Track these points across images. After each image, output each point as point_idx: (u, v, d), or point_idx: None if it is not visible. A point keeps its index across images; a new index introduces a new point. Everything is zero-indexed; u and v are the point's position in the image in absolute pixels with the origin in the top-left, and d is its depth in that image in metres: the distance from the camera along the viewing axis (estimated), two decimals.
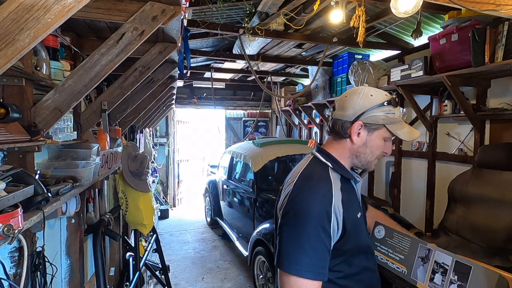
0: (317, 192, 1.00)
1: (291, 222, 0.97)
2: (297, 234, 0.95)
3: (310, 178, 1.05)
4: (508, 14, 1.53)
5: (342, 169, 1.10)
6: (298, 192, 1.01)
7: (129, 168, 2.58)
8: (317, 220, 0.95)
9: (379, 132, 1.09)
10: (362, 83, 3.94)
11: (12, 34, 0.78)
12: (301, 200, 0.99)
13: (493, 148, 2.77)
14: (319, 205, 0.97)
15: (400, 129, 1.09)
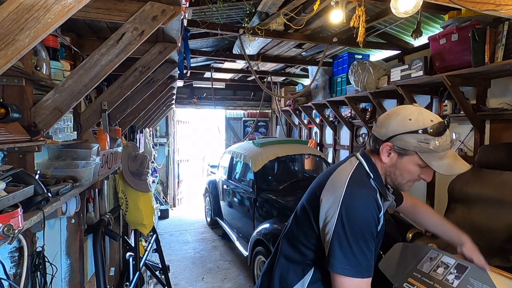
0: (369, 200, 1.02)
1: (349, 228, 0.98)
2: (356, 240, 0.97)
3: (361, 185, 1.06)
4: (508, 14, 1.53)
5: (380, 184, 1.11)
6: (353, 198, 1.02)
7: (129, 168, 2.58)
8: (371, 227, 1.00)
9: (411, 158, 1.07)
10: (362, 83, 3.94)
11: (12, 34, 0.78)
12: (357, 207, 1.00)
13: (493, 148, 2.77)
14: (373, 213, 1.01)
15: (438, 161, 1.04)
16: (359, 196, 1.02)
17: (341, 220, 0.99)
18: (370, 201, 1.02)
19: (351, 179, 1.06)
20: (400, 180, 1.10)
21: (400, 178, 1.10)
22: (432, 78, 3.04)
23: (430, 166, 1.04)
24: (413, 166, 1.07)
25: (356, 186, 1.04)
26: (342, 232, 0.98)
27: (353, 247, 0.97)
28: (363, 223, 0.99)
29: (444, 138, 1.03)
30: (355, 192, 1.02)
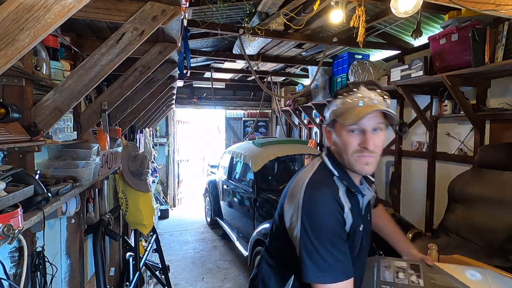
0: (329, 201, 0.98)
1: (312, 234, 0.96)
2: (323, 245, 0.94)
3: (319, 186, 1.02)
4: (508, 14, 1.53)
5: (348, 180, 1.06)
6: (311, 201, 0.99)
7: (129, 168, 2.58)
8: (335, 228, 0.97)
9: (338, 127, 1.05)
10: None
11: (12, 34, 0.78)
12: (315, 210, 0.97)
13: (493, 148, 2.77)
14: (335, 214, 0.97)
15: (350, 115, 0.99)
16: (317, 199, 0.98)
17: (304, 227, 0.97)
18: (329, 202, 0.98)
19: (309, 182, 1.03)
20: (346, 156, 1.03)
21: (344, 154, 1.03)
22: (432, 78, 3.04)
23: (344, 123, 1.00)
24: (345, 134, 1.02)
25: (313, 189, 1.01)
26: (307, 239, 0.96)
27: (320, 252, 0.94)
28: (325, 225, 0.95)
29: (352, 96, 1.02)
30: (313, 195, 0.99)
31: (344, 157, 1.04)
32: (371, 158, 1.01)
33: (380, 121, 1.01)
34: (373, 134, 1.00)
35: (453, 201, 2.85)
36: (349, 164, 1.03)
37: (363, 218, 1.12)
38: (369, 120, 0.98)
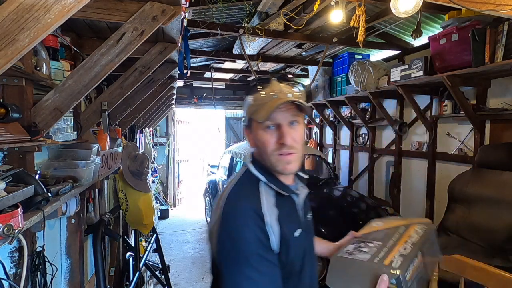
0: (247, 216, 0.88)
1: (232, 256, 0.86)
2: (240, 270, 0.84)
3: (238, 199, 0.93)
4: (508, 14, 1.53)
5: (276, 183, 0.96)
6: (228, 218, 0.89)
7: (129, 168, 2.58)
8: (257, 246, 0.86)
9: (254, 125, 0.97)
10: (362, 83, 3.94)
11: (12, 34, 0.78)
12: (234, 229, 0.87)
13: (493, 148, 2.77)
14: (253, 229, 0.86)
15: (262, 110, 0.92)
16: (233, 216, 0.89)
17: (223, 249, 0.88)
18: (245, 217, 0.88)
19: (229, 195, 0.94)
20: (267, 157, 0.95)
21: (265, 155, 0.95)
22: (432, 78, 3.04)
23: (257, 120, 0.93)
24: (261, 133, 0.94)
25: (230, 205, 0.91)
26: (228, 262, 0.86)
27: (237, 278, 0.83)
28: (242, 246, 0.85)
29: (263, 91, 0.95)
30: (229, 213, 0.90)
31: (265, 158, 0.96)
32: (292, 155, 0.94)
33: (296, 114, 0.95)
34: (290, 128, 0.94)
35: (453, 201, 2.85)
36: (271, 165, 0.95)
37: (302, 221, 1.02)
38: (283, 113, 0.92)
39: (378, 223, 1.18)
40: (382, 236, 1.05)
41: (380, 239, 1.03)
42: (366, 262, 0.90)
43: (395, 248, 0.96)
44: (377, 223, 1.18)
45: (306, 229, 1.03)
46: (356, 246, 1.01)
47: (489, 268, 1.24)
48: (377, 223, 1.18)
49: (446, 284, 1.73)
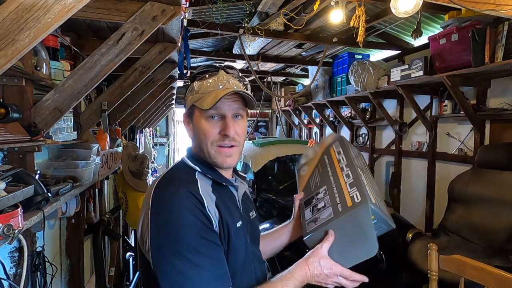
0: (182, 196, 0.80)
1: (165, 244, 0.76)
2: (180, 255, 0.74)
3: (170, 184, 0.85)
4: (508, 14, 1.53)
5: (213, 173, 0.92)
6: (161, 205, 0.80)
7: (129, 168, 2.58)
8: (199, 228, 0.78)
9: (196, 114, 0.92)
10: (362, 83, 3.94)
11: (12, 34, 0.78)
12: (169, 213, 0.78)
13: (493, 148, 2.77)
14: (192, 210, 0.79)
15: (208, 98, 0.88)
16: (167, 198, 0.80)
17: (154, 236, 0.77)
18: (183, 197, 0.80)
19: (158, 183, 0.86)
20: (205, 148, 0.90)
21: (204, 145, 0.90)
22: (432, 78, 3.04)
23: (202, 108, 0.88)
24: (203, 122, 0.90)
25: (163, 188, 0.84)
26: (159, 252, 0.76)
27: (178, 266, 0.73)
28: (182, 230, 0.76)
29: (210, 79, 0.91)
30: (162, 195, 0.82)
31: (204, 148, 0.91)
32: (233, 148, 0.90)
33: (241, 108, 0.92)
34: (234, 120, 0.90)
35: (453, 201, 2.85)
36: (210, 156, 0.90)
37: (243, 215, 0.96)
38: (229, 105, 0.89)
39: (303, 168, 1.16)
40: (320, 179, 1.05)
41: (321, 183, 1.03)
42: (336, 219, 0.88)
43: (342, 182, 0.97)
44: (302, 169, 1.16)
45: (250, 225, 0.98)
46: (310, 208, 1.00)
47: (489, 268, 1.24)
48: (302, 169, 1.16)
49: (446, 284, 1.73)
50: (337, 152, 1.08)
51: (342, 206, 0.89)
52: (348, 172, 0.98)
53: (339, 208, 0.90)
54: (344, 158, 1.05)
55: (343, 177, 0.98)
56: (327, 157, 1.09)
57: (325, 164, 1.08)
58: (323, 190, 0.99)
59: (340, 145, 1.11)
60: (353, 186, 0.93)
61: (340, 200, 0.92)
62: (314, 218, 0.95)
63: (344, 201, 0.90)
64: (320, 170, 1.08)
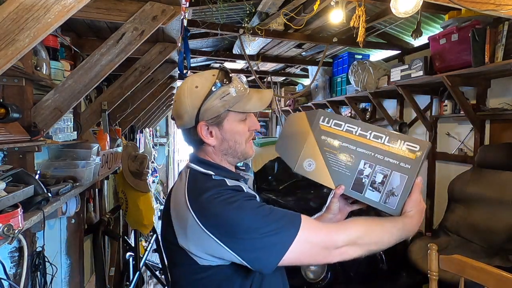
0: (221, 194, 0.83)
1: (238, 232, 0.79)
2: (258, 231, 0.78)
3: (203, 188, 0.85)
4: (508, 14, 1.53)
5: (227, 172, 0.95)
6: (206, 208, 0.81)
7: (129, 168, 2.58)
8: (252, 202, 0.84)
9: (229, 119, 0.92)
10: (362, 83, 3.94)
11: (12, 34, 0.78)
12: (219, 209, 0.80)
13: (493, 148, 2.77)
14: (234, 195, 0.83)
15: (248, 103, 0.92)
16: (210, 198, 0.81)
17: (224, 236, 0.79)
18: (221, 195, 0.82)
19: (189, 194, 0.85)
20: (239, 147, 0.94)
21: (238, 145, 0.94)
22: (432, 78, 3.03)
23: (248, 112, 0.93)
24: (237, 125, 0.93)
25: (198, 194, 0.84)
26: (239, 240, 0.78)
27: (261, 231, 0.78)
28: (239, 214, 0.80)
29: (236, 80, 0.92)
30: (202, 200, 0.82)
31: (238, 149, 0.94)
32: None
33: None
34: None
35: (453, 201, 2.85)
36: (243, 154, 0.96)
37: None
38: None
39: (306, 163, 1.01)
40: (346, 159, 0.95)
41: (353, 161, 0.94)
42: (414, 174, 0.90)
43: (378, 145, 0.93)
44: (306, 165, 1.01)
45: None
46: (368, 188, 0.93)
47: (488, 268, 1.24)
48: (306, 165, 1.01)
49: (446, 284, 1.73)
50: (334, 125, 0.98)
51: (407, 162, 0.90)
52: (374, 133, 0.94)
53: (405, 166, 0.90)
54: (351, 125, 0.97)
55: (373, 141, 0.93)
56: (327, 136, 0.98)
57: (333, 144, 0.97)
58: (365, 165, 0.93)
59: (327, 117, 1.00)
60: (394, 140, 0.92)
61: (397, 159, 0.91)
62: (388, 192, 0.91)
63: (403, 157, 0.90)
64: (334, 151, 0.97)
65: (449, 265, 1.36)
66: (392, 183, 0.91)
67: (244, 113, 0.93)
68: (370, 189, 0.93)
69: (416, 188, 0.90)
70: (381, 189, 0.92)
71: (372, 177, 0.93)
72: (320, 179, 0.99)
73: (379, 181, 0.92)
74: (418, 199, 0.91)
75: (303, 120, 1.04)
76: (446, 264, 1.37)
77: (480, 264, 1.28)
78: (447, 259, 1.38)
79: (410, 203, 0.90)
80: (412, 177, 0.89)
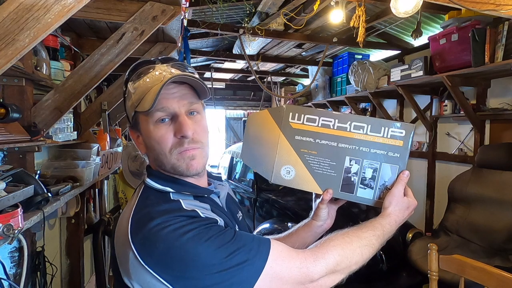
0: (175, 216, 0.66)
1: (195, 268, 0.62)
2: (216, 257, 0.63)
3: (152, 212, 0.68)
4: (508, 14, 1.53)
5: (190, 188, 0.77)
6: (151, 241, 0.64)
7: (129, 168, 2.58)
8: (201, 234, 0.64)
9: (142, 122, 0.76)
10: (362, 83, 3.94)
11: (12, 34, 0.78)
12: (165, 240, 0.63)
13: (493, 148, 2.77)
14: (185, 225, 0.65)
15: (147, 98, 0.73)
16: (153, 226, 0.64)
17: (165, 271, 0.63)
18: (168, 224, 0.65)
19: (133, 221, 0.68)
20: (166, 159, 0.74)
21: (163, 156, 0.74)
22: (432, 78, 3.04)
23: (142, 111, 0.73)
24: (151, 128, 0.74)
25: (142, 224, 0.66)
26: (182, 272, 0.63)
27: (217, 267, 0.62)
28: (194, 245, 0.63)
29: (149, 75, 0.76)
30: (145, 228, 0.65)
31: (163, 160, 0.75)
32: (196, 150, 0.75)
33: (193, 101, 0.79)
34: (189, 118, 0.76)
35: (453, 201, 2.85)
36: (173, 167, 0.75)
37: (231, 221, 0.83)
38: (177, 101, 0.74)
39: (285, 171, 0.87)
40: (330, 157, 0.85)
41: (337, 159, 0.85)
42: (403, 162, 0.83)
43: (361, 137, 0.84)
44: (284, 173, 0.87)
45: (238, 229, 0.85)
46: (359, 186, 0.85)
47: (489, 268, 1.24)
48: (284, 173, 0.87)
49: (446, 284, 1.73)
50: (307, 121, 0.86)
51: (395, 150, 0.83)
52: (354, 124, 0.84)
53: (394, 155, 0.83)
54: (326, 119, 0.85)
55: (354, 133, 0.84)
56: (301, 135, 0.86)
57: (310, 144, 0.85)
58: (351, 162, 0.84)
59: (297, 113, 0.87)
60: (377, 128, 0.83)
61: (385, 149, 0.83)
62: (381, 186, 0.84)
63: (390, 146, 0.82)
64: (313, 152, 0.85)
65: (449, 265, 1.36)
66: (384, 176, 0.84)
67: (150, 112, 0.72)
68: (361, 187, 0.85)
69: (399, 181, 0.82)
70: (373, 185, 0.84)
71: (361, 174, 0.84)
72: (304, 186, 0.87)
73: (370, 177, 0.84)
74: (400, 194, 0.83)
75: (268, 120, 0.89)
76: (446, 264, 1.37)
77: (480, 264, 1.28)
78: (447, 259, 1.38)
79: (388, 197, 0.82)
80: (404, 166, 0.83)
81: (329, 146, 0.85)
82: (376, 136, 0.83)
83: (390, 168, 0.84)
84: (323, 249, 0.73)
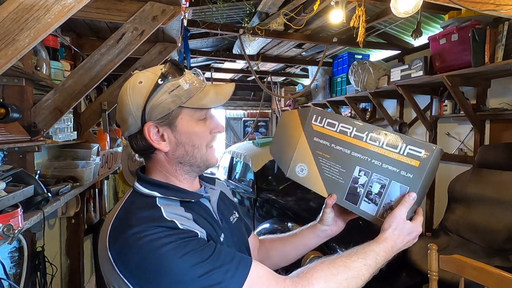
0: (154, 226, 0.65)
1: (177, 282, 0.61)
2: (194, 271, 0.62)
3: (133, 219, 0.68)
4: (508, 14, 1.53)
5: (177, 193, 0.77)
6: (125, 247, 0.64)
7: (129, 168, 2.58)
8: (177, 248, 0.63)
9: (183, 117, 0.75)
10: (362, 83, 3.94)
11: (12, 34, 0.78)
12: (141, 249, 0.62)
13: (493, 148, 2.77)
14: (168, 236, 0.64)
15: (204, 98, 0.75)
16: (131, 235, 0.64)
17: (139, 282, 0.63)
18: (151, 222, 0.66)
19: (113, 227, 0.69)
20: (198, 153, 0.77)
21: (197, 150, 0.77)
22: (432, 78, 3.04)
23: (203, 107, 0.76)
24: (194, 125, 0.76)
25: (120, 231, 0.67)
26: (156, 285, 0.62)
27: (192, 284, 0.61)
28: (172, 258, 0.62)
29: (189, 73, 0.77)
30: (123, 236, 0.65)
31: (198, 155, 0.77)
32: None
33: None
34: None
35: (453, 201, 2.85)
36: (203, 162, 0.79)
37: (223, 226, 0.82)
38: None
39: (299, 168, 0.91)
40: (341, 165, 0.85)
41: (346, 167, 0.84)
42: (418, 185, 0.76)
43: (375, 149, 0.81)
44: (298, 170, 0.91)
45: (232, 231, 0.85)
46: (363, 200, 0.83)
47: (488, 268, 1.24)
48: (298, 170, 0.91)
49: (446, 284, 1.73)
50: (327, 125, 0.87)
51: (408, 170, 0.76)
52: (371, 135, 0.81)
53: (406, 175, 0.76)
54: (345, 125, 0.85)
55: (369, 144, 0.81)
56: (319, 138, 0.87)
57: (325, 147, 0.86)
58: (360, 173, 0.82)
59: (320, 116, 0.89)
60: (394, 143, 0.78)
61: (397, 167, 0.77)
62: (386, 205, 0.80)
63: (404, 164, 0.76)
64: (327, 155, 0.86)
65: (449, 265, 1.36)
66: (391, 194, 0.79)
67: (201, 109, 0.76)
68: (366, 200, 0.82)
69: (403, 203, 0.76)
70: (378, 201, 0.80)
71: (368, 187, 0.81)
72: (312, 186, 0.88)
73: (376, 192, 0.80)
74: (402, 217, 0.76)
75: (295, 119, 0.93)
76: (446, 264, 1.37)
77: (480, 264, 1.28)
78: (447, 259, 1.38)
79: (389, 219, 0.77)
80: (415, 189, 0.76)
81: (342, 152, 0.84)
82: (391, 151, 0.79)
83: (400, 188, 0.78)
84: (305, 280, 0.69)
